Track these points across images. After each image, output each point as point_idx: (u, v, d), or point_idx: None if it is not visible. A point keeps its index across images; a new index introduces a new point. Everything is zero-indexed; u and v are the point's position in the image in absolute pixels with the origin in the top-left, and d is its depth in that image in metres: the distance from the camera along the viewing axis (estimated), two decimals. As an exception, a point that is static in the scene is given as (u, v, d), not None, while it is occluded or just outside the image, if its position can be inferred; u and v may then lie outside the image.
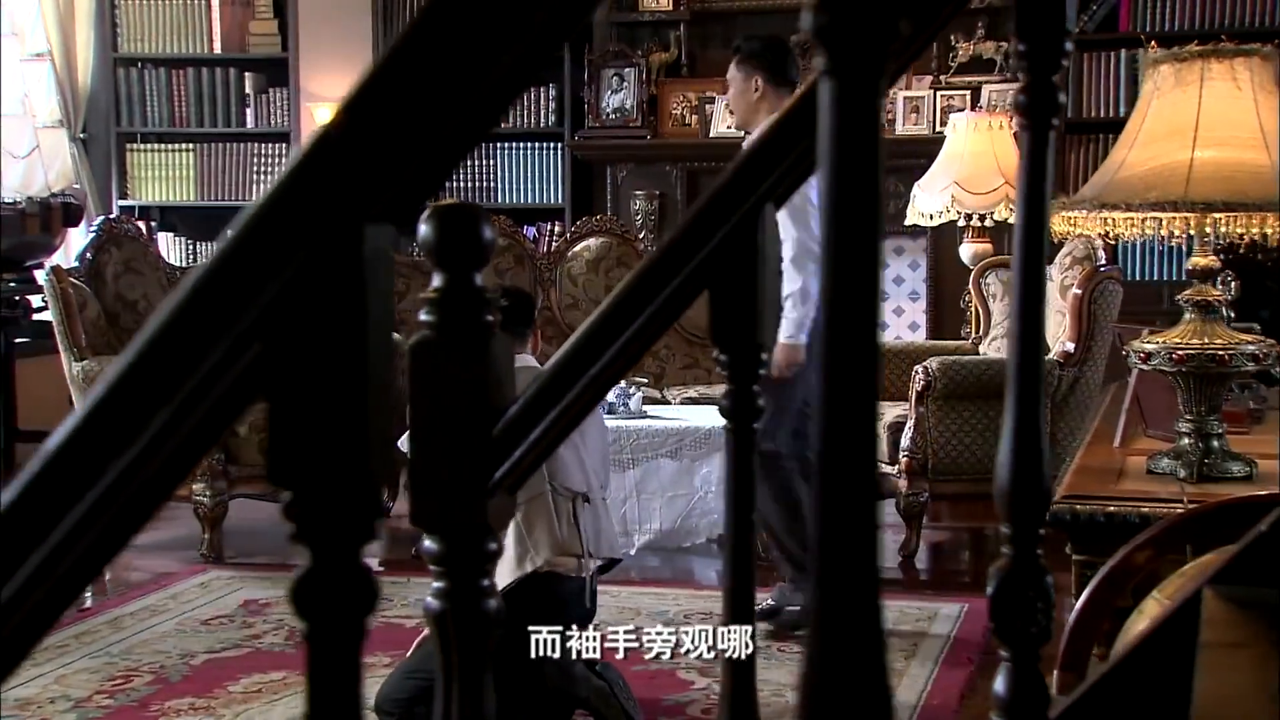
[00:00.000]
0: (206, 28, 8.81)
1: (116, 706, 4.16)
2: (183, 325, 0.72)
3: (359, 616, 0.77)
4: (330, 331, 0.71)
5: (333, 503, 0.74)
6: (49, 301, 6.09)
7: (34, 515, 0.73)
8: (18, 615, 0.74)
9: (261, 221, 0.72)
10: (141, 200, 8.94)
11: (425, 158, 0.72)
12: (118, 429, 0.72)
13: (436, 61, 0.72)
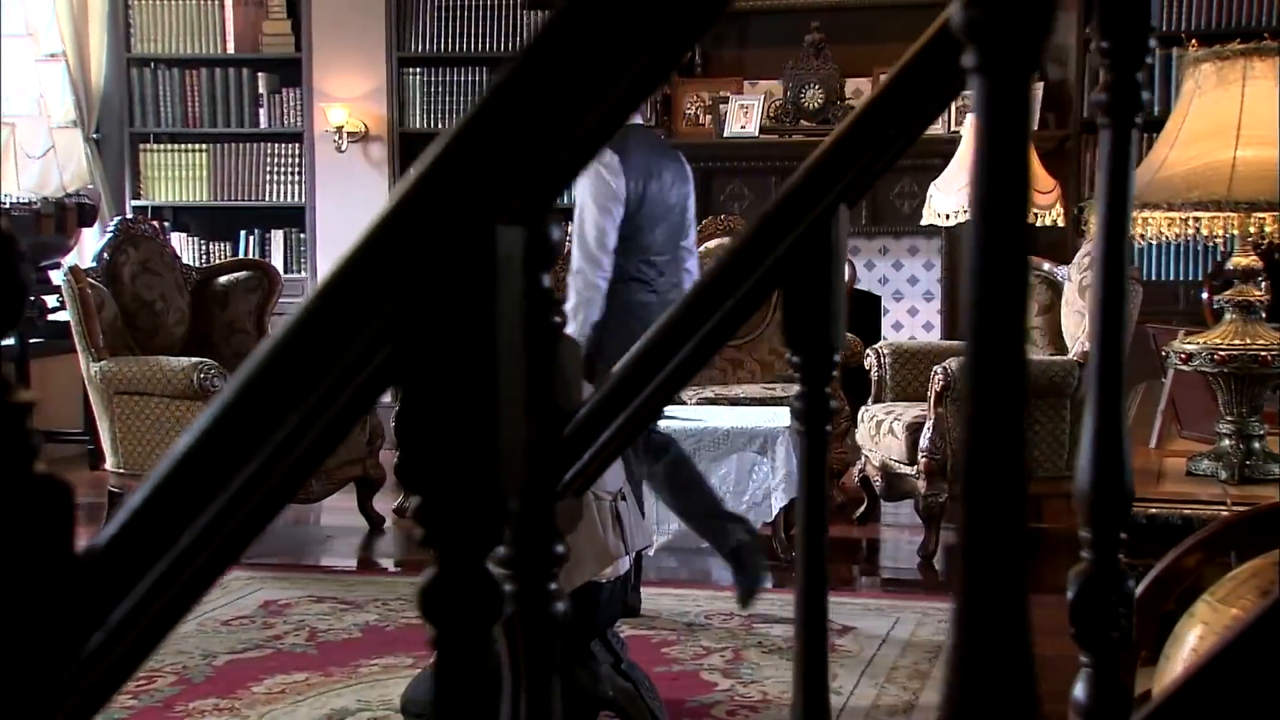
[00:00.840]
0: (220, 28, 8.81)
1: (141, 707, 4.15)
2: (313, 327, 0.71)
3: (486, 623, 0.76)
4: (462, 335, 0.70)
5: (461, 508, 0.74)
6: (67, 302, 6.08)
7: (161, 520, 0.72)
8: (149, 613, 0.73)
9: (393, 222, 0.71)
10: (154, 200, 8.94)
11: (558, 158, 0.71)
12: (248, 432, 0.71)
13: (576, 60, 0.71)
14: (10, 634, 0.72)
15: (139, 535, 0.72)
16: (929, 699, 4.16)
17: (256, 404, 0.70)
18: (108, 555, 0.73)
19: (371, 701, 4.22)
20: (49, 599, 0.73)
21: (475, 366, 0.70)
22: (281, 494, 0.73)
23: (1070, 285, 6.18)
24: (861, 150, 1.22)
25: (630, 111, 0.78)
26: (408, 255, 0.69)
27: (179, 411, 5.96)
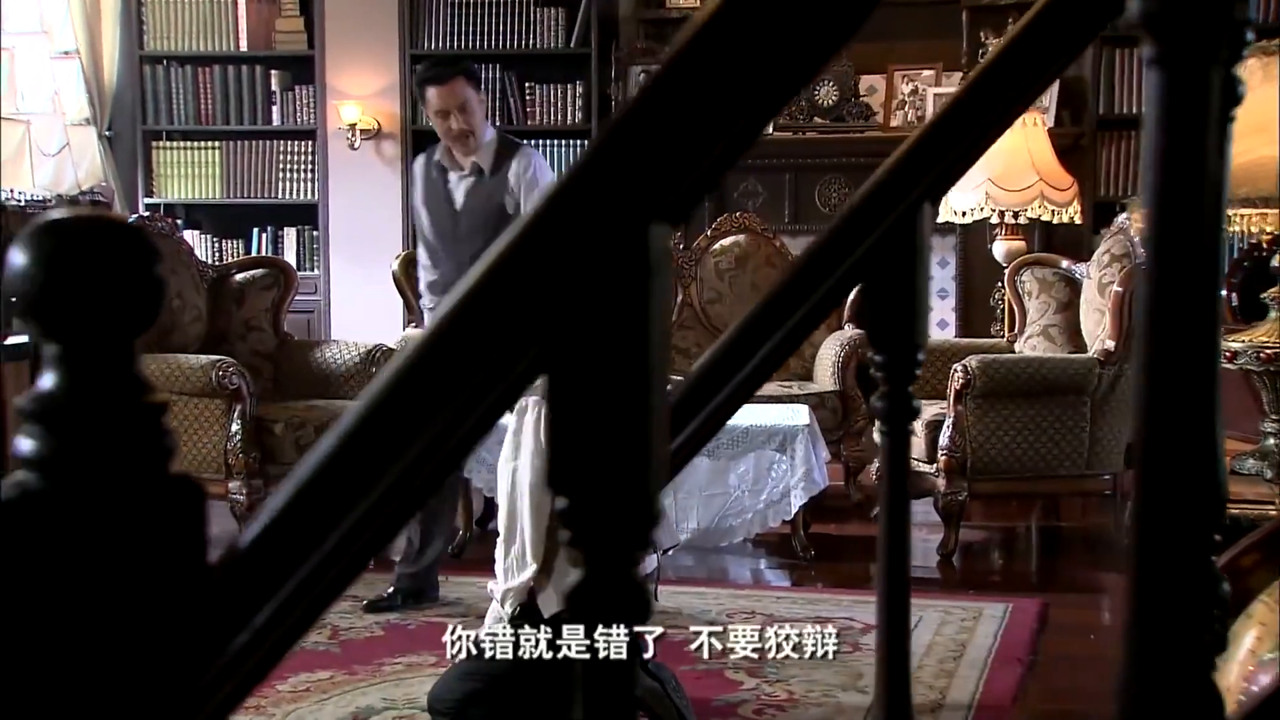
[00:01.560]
0: (233, 25, 8.80)
1: (166, 706, 4.14)
2: (461, 327, 0.70)
3: (633, 626, 0.75)
4: (617, 335, 0.69)
5: (611, 511, 0.73)
6: (85, 299, 6.07)
7: (308, 521, 0.72)
8: (293, 614, 0.73)
9: (544, 220, 0.70)
10: (167, 198, 8.94)
11: (715, 155, 0.70)
12: (394, 433, 0.70)
13: (735, 52, 0.70)
14: (147, 636, 0.71)
15: (285, 536, 0.72)
16: (957, 697, 4.16)
17: (404, 404, 0.70)
18: (252, 555, 0.72)
19: (397, 700, 4.21)
20: (183, 600, 0.72)
21: (630, 367, 0.69)
22: (423, 493, 0.72)
23: (1090, 283, 6.16)
24: (946, 148, 1.21)
25: (781, 106, 0.77)
26: (559, 254, 0.68)
27: (197, 409, 5.95)
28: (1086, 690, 4.37)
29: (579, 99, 8.53)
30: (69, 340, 0.72)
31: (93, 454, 0.71)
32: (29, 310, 0.72)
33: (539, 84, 8.58)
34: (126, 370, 0.72)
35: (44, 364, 0.73)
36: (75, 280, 0.70)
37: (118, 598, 0.70)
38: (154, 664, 0.71)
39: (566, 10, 8.48)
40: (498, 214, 5.13)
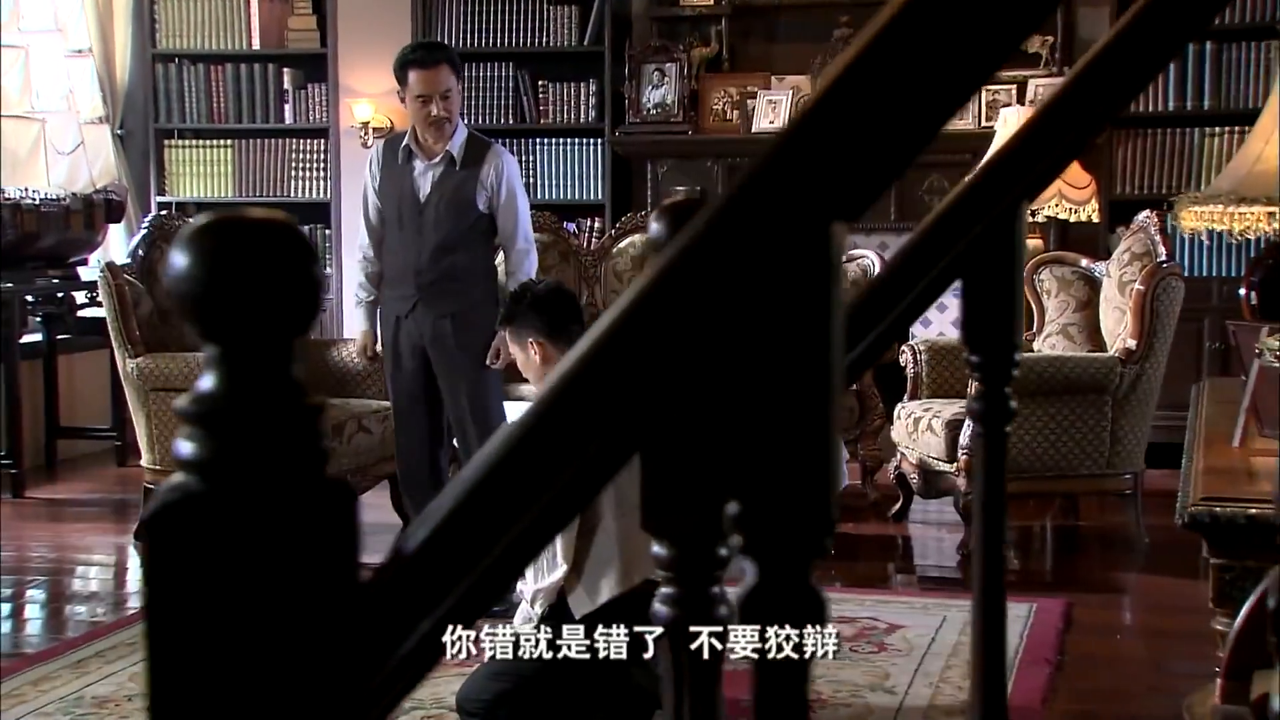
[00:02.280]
0: (245, 23, 8.78)
1: (194, 706, 4.13)
2: (629, 333, 0.69)
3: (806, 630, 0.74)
4: (797, 334, 0.68)
5: (786, 516, 0.72)
6: (104, 299, 6.06)
7: (481, 523, 0.70)
8: (461, 616, 0.72)
9: (724, 217, 0.68)
10: (179, 196, 8.91)
11: (899, 150, 0.69)
12: (573, 428, 0.69)
13: (929, 43, 0.69)
14: (305, 643, 0.69)
15: (457, 539, 0.70)
16: (986, 698, 4.14)
17: (578, 403, 0.68)
18: (421, 559, 0.71)
19: (424, 700, 4.20)
20: (338, 607, 0.71)
21: (810, 368, 0.68)
22: (594, 489, 0.71)
23: (1110, 281, 6.15)
24: (1047, 146, 1.20)
25: (963, 104, 0.76)
26: (740, 251, 0.67)
27: (216, 408, 5.93)
28: (1116, 691, 4.36)
29: (592, 97, 8.50)
30: (229, 341, 0.70)
31: (253, 457, 0.70)
32: (189, 311, 0.71)
33: (551, 82, 8.56)
34: (285, 372, 0.71)
35: (203, 365, 0.72)
36: (236, 281, 0.69)
37: (277, 602, 0.69)
38: (312, 672, 0.69)
39: (579, 8, 8.46)
40: (467, 206, 5.11)
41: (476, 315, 5.09)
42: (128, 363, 6.05)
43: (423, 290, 5.16)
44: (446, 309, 5.09)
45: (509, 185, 5.14)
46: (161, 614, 0.70)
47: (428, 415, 5.28)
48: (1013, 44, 0.70)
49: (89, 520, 6.88)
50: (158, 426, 6.07)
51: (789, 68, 8.31)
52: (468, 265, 5.12)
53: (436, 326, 5.11)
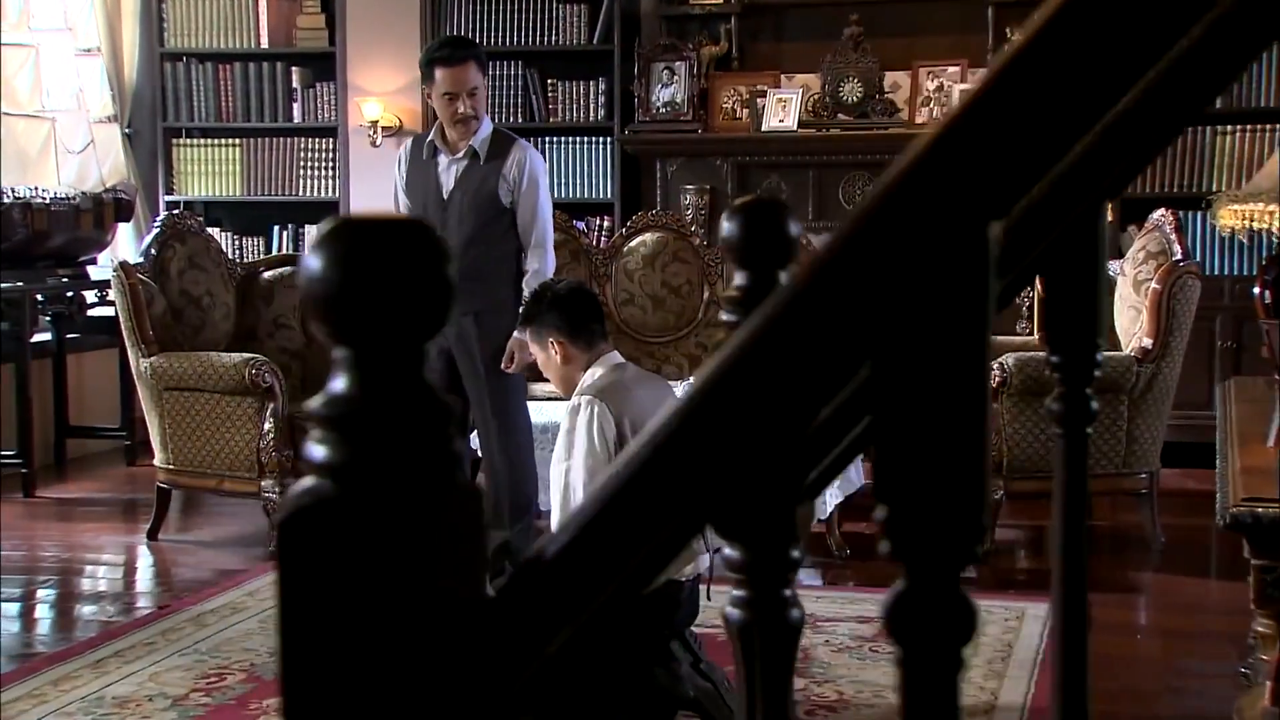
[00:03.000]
0: (253, 22, 8.77)
1: (215, 705, 4.12)
2: (779, 339, 0.68)
3: (957, 644, 0.73)
4: (953, 337, 0.67)
5: (937, 523, 0.70)
6: (117, 298, 6.05)
7: (630, 523, 0.69)
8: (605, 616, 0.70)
9: (877, 217, 0.67)
10: (187, 195, 8.90)
11: (1058, 143, 0.68)
12: (717, 430, 0.68)
13: (1092, 37, 0.67)
14: (438, 652, 0.68)
15: (605, 540, 0.69)
16: (1009, 699, 4.13)
17: (723, 405, 0.67)
18: (566, 558, 0.70)
19: (445, 700, 4.18)
20: (469, 614, 0.70)
21: (966, 371, 0.67)
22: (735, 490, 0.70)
23: (1124, 280, 6.14)
24: (1132, 143, 1.19)
25: (1120, 98, 0.75)
26: (893, 252, 0.66)
27: (229, 407, 5.92)
28: (1136, 691, 4.35)
29: (601, 96, 8.49)
30: (362, 344, 0.69)
31: (386, 461, 0.69)
32: (321, 313, 0.70)
33: (561, 81, 8.55)
34: (417, 374, 0.70)
35: (334, 368, 0.71)
36: (370, 283, 0.68)
37: (408, 607, 0.68)
38: (440, 679, 0.68)
39: (589, 7, 8.45)
40: (490, 201, 5.09)
41: (500, 314, 5.05)
42: (141, 362, 6.03)
43: None
44: (469, 307, 5.03)
45: (530, 178, 5.10)
46: (294, 618, 0.69)
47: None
48: (1172, 37, 0.69)
49: (99, 520, 6.86)
50: (171, 426, 6.06)
51: (798, 66, 8.30)
52: (491, 262, 5.08)
53: (460, 325, 5.07)
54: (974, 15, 8.00)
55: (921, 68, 8.12)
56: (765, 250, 1.33)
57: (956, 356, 0.67)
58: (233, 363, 5.89)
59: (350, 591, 0.68)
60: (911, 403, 0.68)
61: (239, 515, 6.76)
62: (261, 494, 5.91)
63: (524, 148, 5.16)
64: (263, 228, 8.95)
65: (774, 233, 1.32)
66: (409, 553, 0.68)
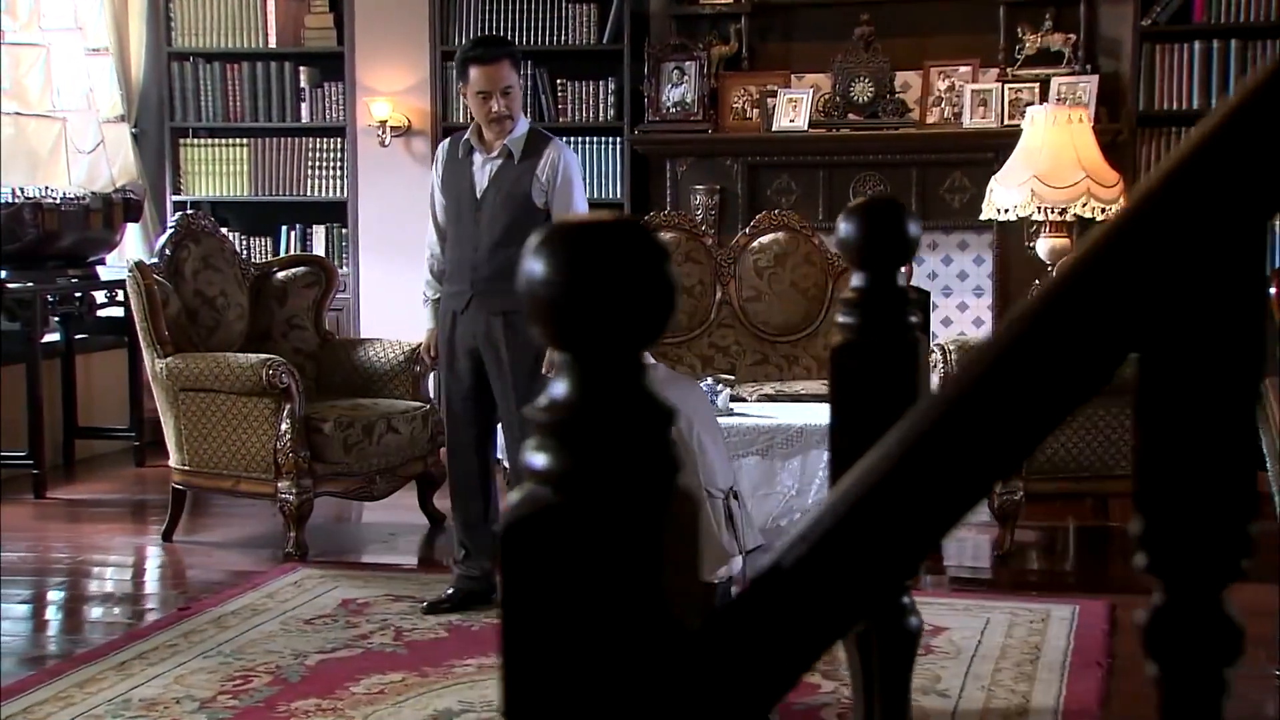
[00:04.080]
0: (261, 22, 8.74)
1: (243, 707, 4.10)
2: (1042, 337, 0.66)
3: (1220, 665, 0.71)
4: (1229, 337, 0.65)
5: (1202, 534, 0.68)
6: (132, 298, 6.02)
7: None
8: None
9: (1145, 213, 0.65)
10: (194, 195, 8.88)
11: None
12: (975, 427, 0.66)
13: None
14: (657, 660, 0.67)
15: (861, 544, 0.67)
16: (1041, 702, 4.12)
17: (985, 402, 0.65)
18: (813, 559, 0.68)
19: (474, 703, 4.17)
20: (685, 622, 0.68)
21: (1239, 374, 0.65)
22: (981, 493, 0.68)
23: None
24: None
25: None
26: (1170, 245, 0.64)
27: (245, 408, 5.90)
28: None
29: (611, 96, 8.48)
30: (584, 349, 0.68)
31: (608, 468, 0.67)
32: (544, 318, 0.68)
33: (571, 80, 8.53)
34: (638, 380, 0.68)
35: (557, 373, 0.69)
36: (594, 288, 0.66)
37: (632, 612, 0.66)
38: (667, 691, 0.67)
39: (599, 6, 8.43)
40: (522, 200, 5.03)
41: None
42: (157, 363, 6.00)
43: (477, 286, 5.06)
44: (499, 307, 4.96)
45: (565, 176, 5.03)
46: (516, 626, 0.67)
47: (480, 417, 5.18)
48: None
49: (110, 521, 6.83)
50: (187, 426, 6.03)
51: (809, 66, 8.28)
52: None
53: (489, 325, 5.01)
54: (985, 15, 7.99)
55: (933, 67, 8.11)
56: (884, 251, 1.31)
57: (1232, 355, 0.65)
58: (250, 363, 5.86)
59: (574, 599, 0.66)
60: (1182, 402, 0.66)
61: (250, 516, 6.73)
62: (278, 495, 5.88)
63: (559, 147, 5.10)
64: (270, 228, 8.92)
65: (893, 233, 1.31)
66: (632, 560, 0.66)
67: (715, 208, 8.26)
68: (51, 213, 7.19)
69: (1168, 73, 7.72)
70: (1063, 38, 7.86)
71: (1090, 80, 7.74)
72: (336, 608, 5.15)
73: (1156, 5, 7.70)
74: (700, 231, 7.52)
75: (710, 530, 3.83)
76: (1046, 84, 7.81)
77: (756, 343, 7.34)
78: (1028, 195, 6.74)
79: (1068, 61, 7.84)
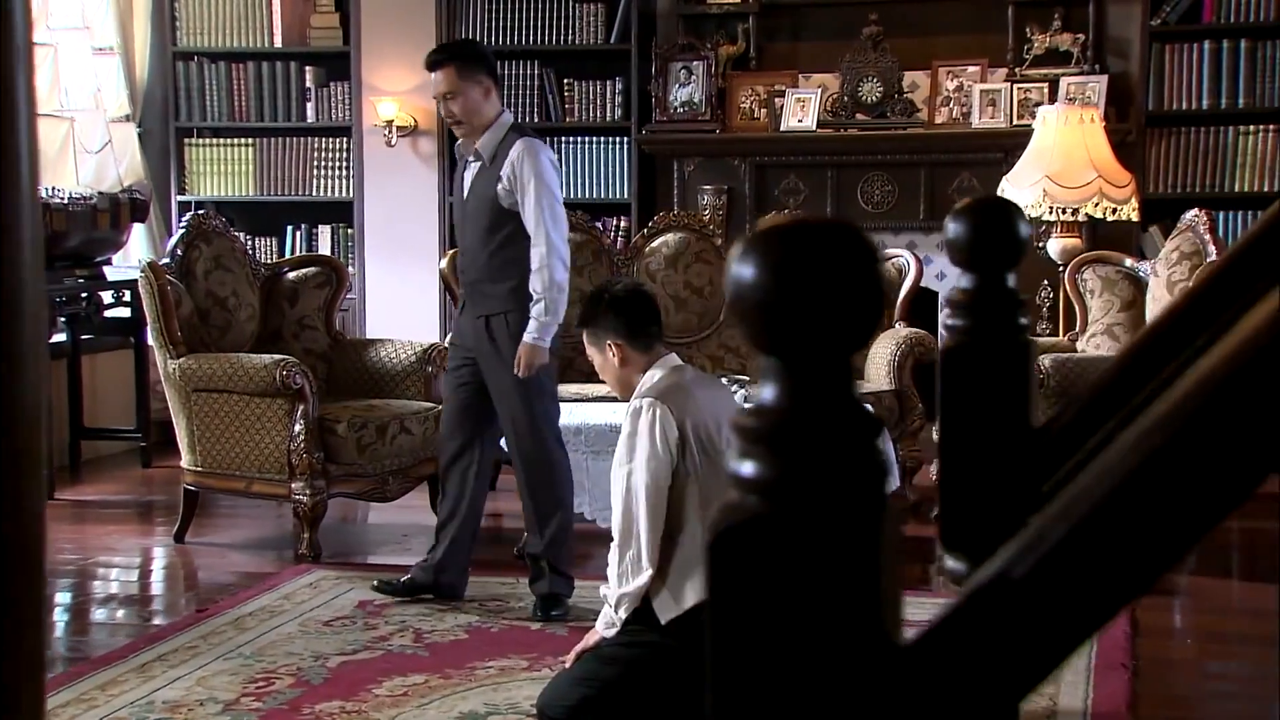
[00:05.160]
0: (267, 21, 8.72)
1: (267, 709, 4.08)
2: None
3: None
4: None
5: None
6: (144, 299, 5.99)
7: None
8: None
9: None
10: (199, 195, 8.85)
11: None
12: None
13: None
14: (874, 675, 0.65)
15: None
16: (1069, 704, 4.11)
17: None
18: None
19: (499, 704, 4.15)
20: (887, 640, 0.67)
21: None
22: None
23: (1157, 281, 6.13)
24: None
25: None
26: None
27: (259, 409, 5.87)
28: (1195, 696, 4.33)
29: (618, 95, 8.46)
30: (793, 354, 0.66)
31: (818, 477, 0.65)
32: (752, 322, 0.67)
33: (578, 80, 8.52)
34: (848, 386, 0.66)
35: (763, 378, 0.68)
36: (805, 292, 0.65)
37: (845, 627, 0.65)
38: (876, 704, 0.65)
39: (606, 6, 8.42)
40: (492, 203, 5.03)
41: (506, 320, 5.01)
42: (169, 363, 5.98)
43: (466, 290, 5.19)
44: (482, 310, 5.06)
45: (525, 177, 4.94)
46: (725, 636, 0.66)
47: (467, 421, 5.21)
48: None
49: (120, 522, 6.80)
50: (200, 427, 6.00)
51: (817, 66, 8.28)
52: (499, 267, 5.02)
53: (475, 327, 5.10)
54: (994, 15, 7.98)
55: (941, 67, 8.11)
56: (994, 252, 1.29)
57: None
58: (263, 364, 5.83)
59: (786, 610, 0.65)
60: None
61: (259, 517, 6.72)
62: (291, 496, 5.85)
63: (523, 145, 4.98)
64: (276, 228, 8.89)
65: (1004, 234, 1.29)
66: (850, 572, 0.64)
67: (723, 208, 8.25)
68: (59, 213, 7.16)
69: (1177, 73, 7.72)
70: (1071, 38, 7.85)
71: (1099, 80, 7.74)
72: (354, 609, 5.13)
73: (1166, 5, 7.70)
74: (710, 232, 7.50)
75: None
76: (1055, 84, 7.80)
77: (766, 343, 7.32)
78: (1039, 195, 6.75)
79: (1076, 61, 7.84)
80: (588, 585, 5.41)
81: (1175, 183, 7.76)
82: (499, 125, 5.07)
